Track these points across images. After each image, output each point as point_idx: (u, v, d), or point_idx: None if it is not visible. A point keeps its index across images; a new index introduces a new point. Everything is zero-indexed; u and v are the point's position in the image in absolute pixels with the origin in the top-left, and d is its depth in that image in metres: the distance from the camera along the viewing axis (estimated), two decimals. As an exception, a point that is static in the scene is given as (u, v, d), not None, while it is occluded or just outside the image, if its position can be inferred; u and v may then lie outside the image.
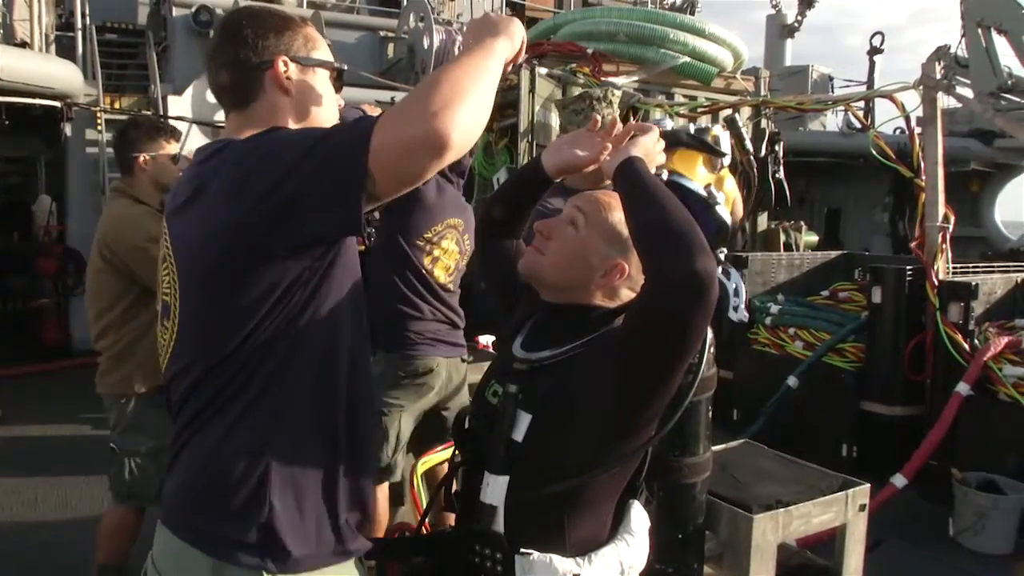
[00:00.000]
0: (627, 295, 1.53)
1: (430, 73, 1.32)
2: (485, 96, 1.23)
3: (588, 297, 1.53)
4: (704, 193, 1.97)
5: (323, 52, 1.50)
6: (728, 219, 1.99)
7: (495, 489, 1.42)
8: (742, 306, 2.02)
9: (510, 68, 1.44)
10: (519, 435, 1.42)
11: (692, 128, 2.28)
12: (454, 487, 1.62)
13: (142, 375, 2.83)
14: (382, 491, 2.98)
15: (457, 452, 1.61)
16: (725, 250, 2.25)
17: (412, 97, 1.19)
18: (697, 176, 2.07)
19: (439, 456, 2.95)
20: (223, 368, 1.31)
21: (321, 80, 1.49)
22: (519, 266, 1.60)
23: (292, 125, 1.43)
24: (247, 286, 1.26)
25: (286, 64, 1.43)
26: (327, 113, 1.50)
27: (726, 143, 2.10)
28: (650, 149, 1.53)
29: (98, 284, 2.94)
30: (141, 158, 2.97)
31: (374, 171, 1.17)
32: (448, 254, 3.07)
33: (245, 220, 1.23)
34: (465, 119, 1.16)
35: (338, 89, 1.55)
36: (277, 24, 1.45)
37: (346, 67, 1.58)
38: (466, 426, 1.59)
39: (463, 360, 3.20)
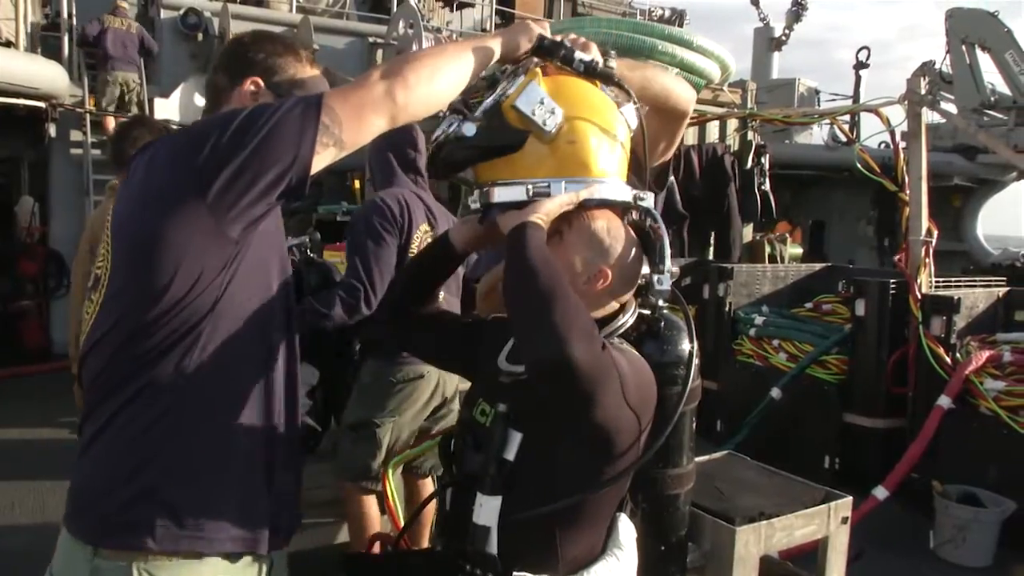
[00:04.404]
0: (610, 306, 1.52)
1: None
2: (449, 75, 1.37)
3: None
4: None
5: (308, 92, 1.45)
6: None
7: (488, 510, 1.40)
8: (667, 276, 1.44)
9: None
10: (511, 454, 1.40)
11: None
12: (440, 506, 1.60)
13: None
14: (370, 501, 2.96)
15: (444, 473, 1.60)
16: (648, 198, 1.52)
17: (387, 62, 1.36)
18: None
19: (409, 453, 2.92)
20: (137, 344, 1.29)
21: None
22: (502, 290, 1.58)
23: None
24: (174, 257, 1.27)
25: (256, 86, 1.48)
26: None
27: None
28: (552, 211, 1.43)
29: None
30: None
31: (342, 117, 1.28)
32: None
33: (186, 177, 1.27)
34: (419, 85, 1.32)
35: None
36: (273, 49, 1.52)
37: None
38: (452, 447, 1.58)
39: None
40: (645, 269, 1.54)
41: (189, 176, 1.26)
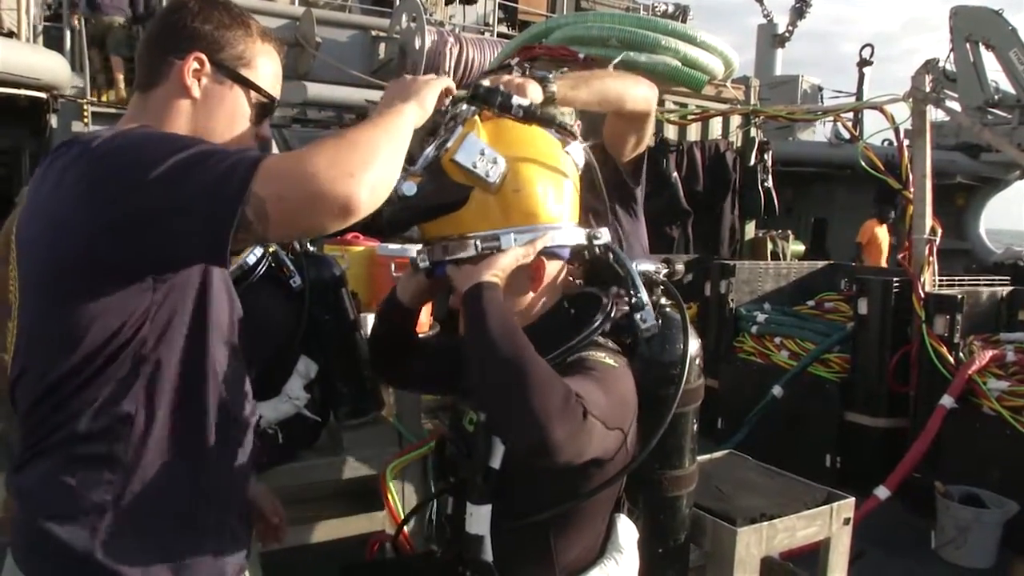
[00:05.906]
0: (564, 283, 1.51)
1: (337, 130, 1.26)
2: (395, 159, 1.19)
3: (530, 309, 1.47)
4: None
5: (257, 73, 1.34)
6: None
7: (479, 519, 1.38)
8: (649, 312, 1.38)
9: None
10: (496, 462, 1.37)
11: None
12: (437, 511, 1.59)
13: None
14: None
15: (438, 479, 1.58)
16: (604, 235, 1.53)
17: (322, 151, 1.11)
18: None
19: (410, 456, 2.89)
20: (63, 385, 1.16)
21: (236, 98, 1.33)
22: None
23: (183, 131, 1.27)
24: (92, 299, 1.13)
25: (200, 63, 1.27)
26: (229, 135, 1.32)
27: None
28: (507, 267, 1.38)
29: None
30: None
31: (271, 215, 1.08)
32: None
33: (96, 225, 1.10)
34: (376, 182, 1.12)
35: (258, 120, 1.38)
36: (220, 20, 1.30)
37: (276, 99, 1.40)
38: (446, 453, 1.56)
39: None
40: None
41: (101, 218, 1.09)
